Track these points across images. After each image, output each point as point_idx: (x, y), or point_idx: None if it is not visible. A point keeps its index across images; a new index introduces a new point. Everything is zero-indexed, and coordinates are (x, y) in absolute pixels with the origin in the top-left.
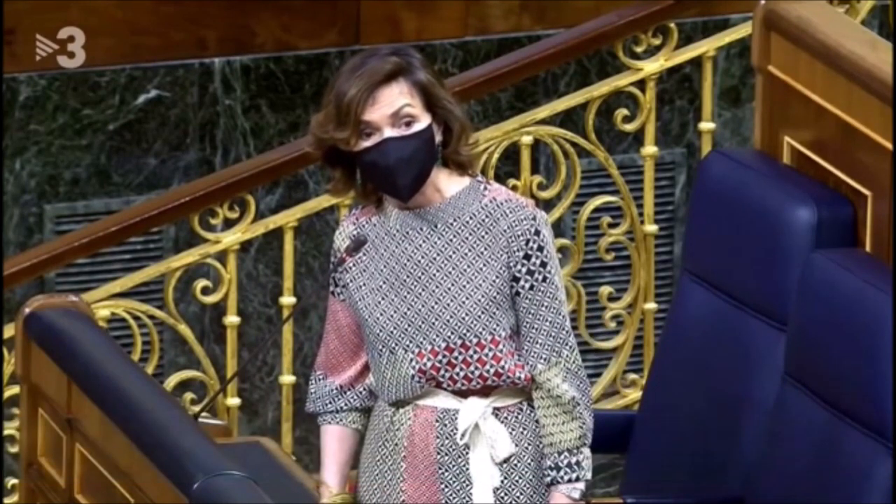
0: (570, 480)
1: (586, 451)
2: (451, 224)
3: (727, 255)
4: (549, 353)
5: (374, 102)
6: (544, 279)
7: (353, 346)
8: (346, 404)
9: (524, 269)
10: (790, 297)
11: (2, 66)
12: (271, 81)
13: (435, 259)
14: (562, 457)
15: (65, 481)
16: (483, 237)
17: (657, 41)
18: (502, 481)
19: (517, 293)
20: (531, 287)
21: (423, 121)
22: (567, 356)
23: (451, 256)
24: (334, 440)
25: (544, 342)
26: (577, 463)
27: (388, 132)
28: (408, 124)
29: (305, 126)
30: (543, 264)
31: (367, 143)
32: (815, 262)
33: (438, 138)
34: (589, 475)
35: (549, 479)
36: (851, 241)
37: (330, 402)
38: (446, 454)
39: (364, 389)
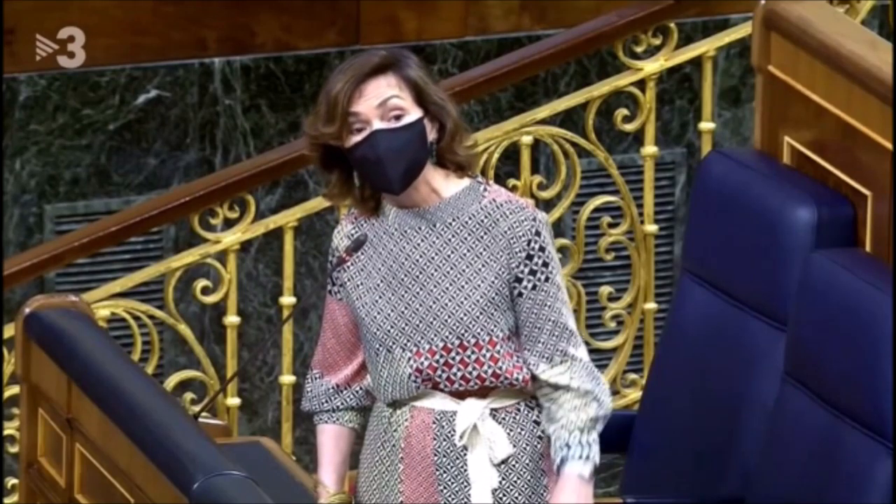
0: (580, 457)
1: (596, 436)
2: (450, 224)
3: (727, 255)
4: (551, 353)
5: (361, 95)
6: (546, 279)
7: (350, 345)
8: (342, 403)
9: (526, 270)
10: (790, 297)
11: (2, 66)
12: (271, 81)
13: (433, 259)
14: (572, 436)
15: (65, 481)
16: (482, 238)
17: (657, 41)
18: (500, 482)
19: (519, 294)
20: (534, 287)
21: (413, 114)
22: (573, 354)
23: (449, 256)
24: (330, 439)
25: (547, 341)
26: (588, 443)
27: (377, 125)
28: (397, 117)
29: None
30: (545, 264)
31: (356, 138)
32: (815, 262)
33: (433, 136)
34: (597, 459)
35: (558, 459)
36: (851, 241)
37: (326, 402)
38: (444, 455)
39: (360, 389)
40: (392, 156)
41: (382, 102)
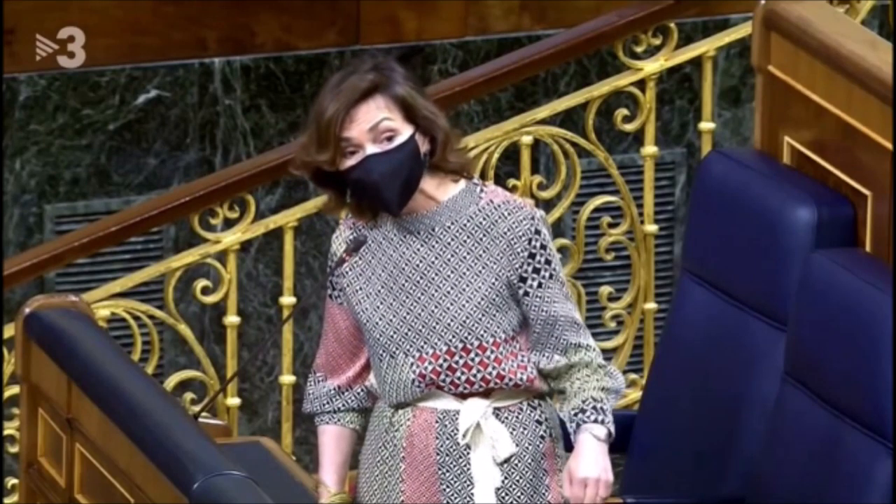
0: (595, 421)
1: (610, 407)
2: (449, 227)
3: (727, 255)
4: (565, 346)
5: (352, 120)
6: (551, 276)
7: (352, 347)
8: (343, 405)
9: (530, 268)
10: (790, 297)
11: (2, 66)
12: (271, 81)
13: (433, 263)
14: (586, 403)
15: (65, 481)
16: (481, 240)
17: (657, 41)
18: (503, 481)
19: (525, 293)
20: (539, 285)
21: (405, 133)
22: (587, 344)
23: (449, 260)
24: (332, 440)
25: (560, 335)
26: (603, 409)
27: (370, 148)
28: (389, 139)
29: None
30: (548, 261)
31: (350, 162)
32: (815, 262)
33: (425, 148)
34: (612, 428)
35: (573, 424)
36: (851, 241)
37: (327, 403)
38: (447, 455)
39: (362, 390)
40: (387, 179)
41: (374, 126)
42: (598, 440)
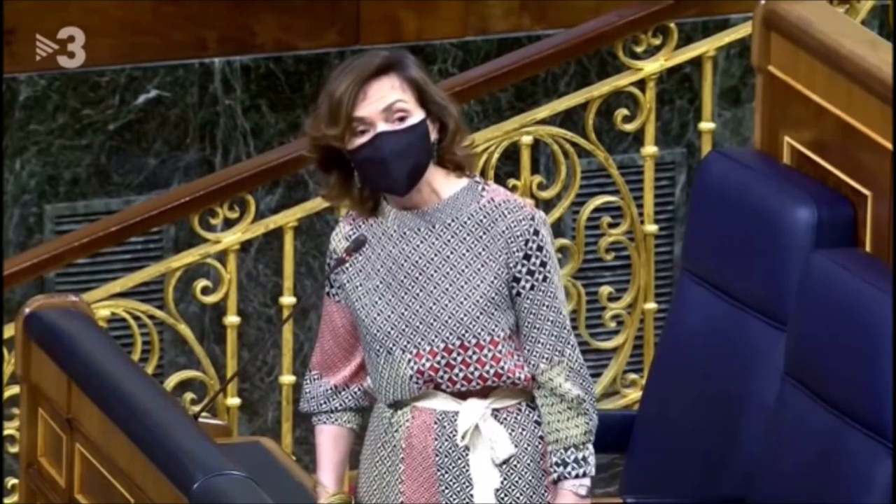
0: (577, 476)
1: (591, 448)
2: (449, 225)
3: (727, 255)
4: (550, 353)
5: (365, 97)
6: (544, 279)
7: (349, 346)
8: (340, 404)
9: (524, 270)
10: (790, 297)
11: (2, 66)
12: (271, 81)
13: (433, 260)
14: (568, 452)
15: (65, 481)
16: (481, 238)
17: (657, 41)
18: (502, 482)
19: (517, 294)
20: (531, 287)
21: (417, 115)
22: (569, 355)
23: (448, 257)
24: (329, 440)
25: (546, 342)
26: (584, 458)
27: (382, 126)
28: (401, 119)
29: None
30: (543, 264)
31: (360, 140)
32: (815, 262)
33: (434, 136)
34: (593, 471)
35: (555, 475)
36: (851, 241)
37: (324, 402)
38: (446, 456)
39: (359, 390)
40: (397, 158)
41: (387, 107)
42: (578, 496)
